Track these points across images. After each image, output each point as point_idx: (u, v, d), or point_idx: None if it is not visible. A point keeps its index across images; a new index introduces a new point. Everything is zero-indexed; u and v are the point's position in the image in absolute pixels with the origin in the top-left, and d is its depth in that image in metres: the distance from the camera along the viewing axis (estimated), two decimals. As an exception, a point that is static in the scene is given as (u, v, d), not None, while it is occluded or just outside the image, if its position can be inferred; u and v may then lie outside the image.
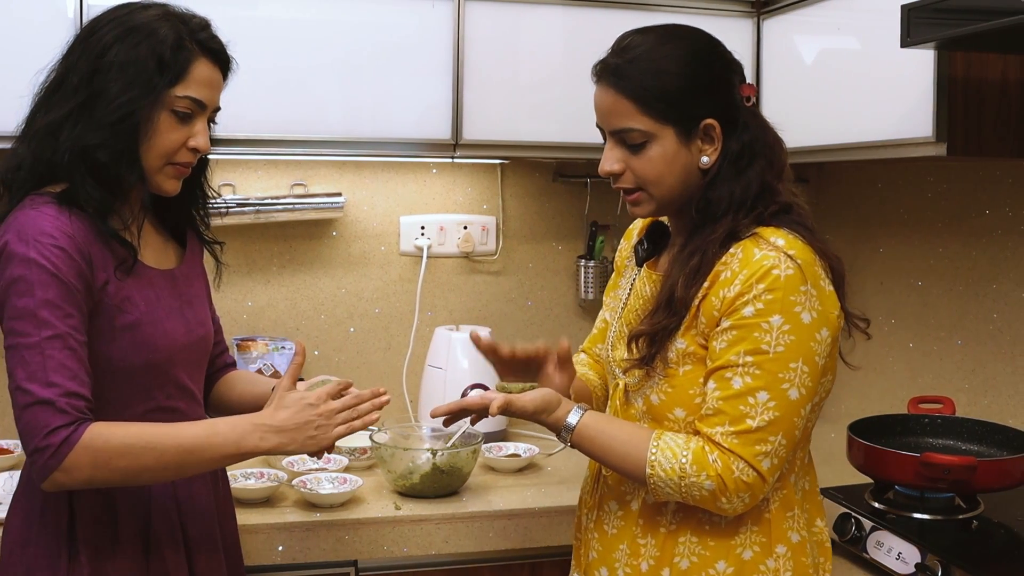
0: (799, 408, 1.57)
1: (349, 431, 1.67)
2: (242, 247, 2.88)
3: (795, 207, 1.67)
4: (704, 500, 1.59)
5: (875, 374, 2.98)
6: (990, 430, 2.19)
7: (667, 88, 1.62)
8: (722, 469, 1.56)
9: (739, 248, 1.60)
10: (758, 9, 2.81)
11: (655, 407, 1.70)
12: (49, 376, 1.50)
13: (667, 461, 1.59)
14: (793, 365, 1.56)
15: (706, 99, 1.64)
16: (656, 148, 1.64)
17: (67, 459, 1.49)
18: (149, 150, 1.65)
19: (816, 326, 1.57)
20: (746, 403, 1.56)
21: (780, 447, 1.57)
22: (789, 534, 1.67)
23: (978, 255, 2.60)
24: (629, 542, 1.72)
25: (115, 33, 1.63)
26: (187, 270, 1.83)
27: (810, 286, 1.57)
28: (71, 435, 1.49)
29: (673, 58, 1.63)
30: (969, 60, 2.10)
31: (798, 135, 2.67)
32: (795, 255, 1.57)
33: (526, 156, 2.79)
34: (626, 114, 1.64)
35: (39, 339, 1.51)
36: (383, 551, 2.23)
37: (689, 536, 1.66)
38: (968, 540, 1.99)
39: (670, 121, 1.63)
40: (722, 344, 1.59)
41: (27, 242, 1.54)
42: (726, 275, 1.60)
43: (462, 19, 2.61)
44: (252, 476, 2.37)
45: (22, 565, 1.66)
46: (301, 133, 2.55)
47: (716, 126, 1.64)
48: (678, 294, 1.62)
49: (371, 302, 3.03)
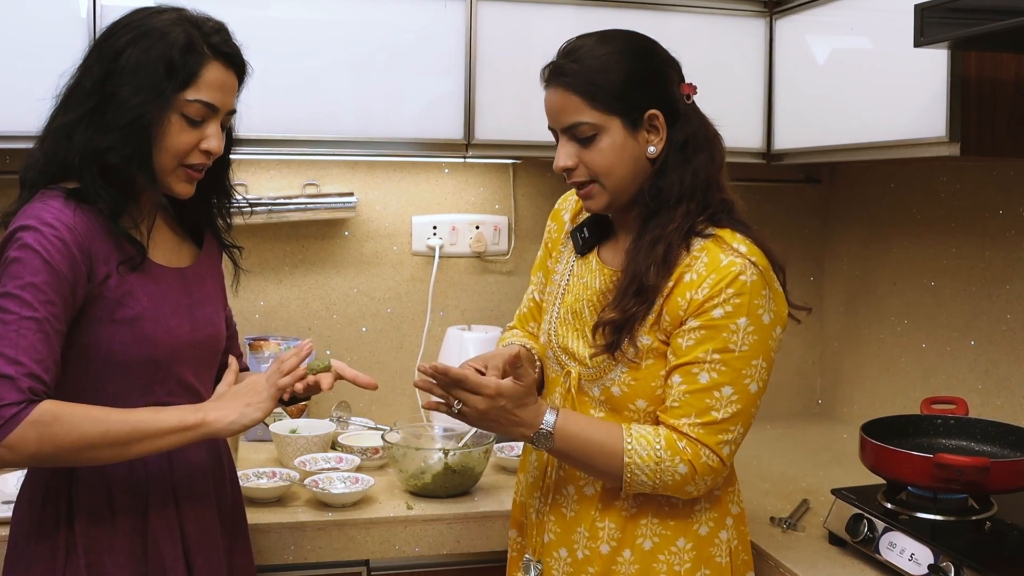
0: (757, 399, 1.73)
1: (281, 386, 1.70)
2: (254, 247, 2.88)
3: (735, 205, 1.80)
4: (676, 484, 1.71)
5: (888, 375, 2.97)
6: (1004, 431, 2.18)
7: (611, 81, 1.73)
8: (691, 455, 1.69)
9: (703, 251, 1.72)
10: (770, 9, 2.80)
11: (616, 398, 1.78)
12: (18, 355, 1.53)
13: (643, 449, 1.70)
14: (755, 362, 1.70)
15: (647, 91, 1.75)
16: (606, 139, 1.74)
17: (12, 434, 1.51)
18: (160, 152, 1.67)
19: (773, 325, 1.72)
20: (712, 396, 1.69)
21: (739, 435, 1.73)
22: (730, 507, 1.84)
23: (991, 255, 2.59)
24: (587, 525, 1.81)
25: (129, 37, 1.66)
26: (200, 270, 1.84)
27: (769, 290, 1.71)
28: (20, 411, 1.51)
29: (614, 55, 1.74)
30: (982, 60, 2.09)
31: (810, 135, 2.68)
32: (756, 261, 1.71)
33: (538, 156, 2.79)
34: (575, 109, 1.74)
35: (18, 317, 1.54)
36: (395, 551, 2.23)
37: (650, 518, 1.78)
38: (981, 541, 1.98)
39: (616, 112, 1.73)
40: (689, 342, 1.70)
41: (30, 229, 1.58)
42: (691, 277, 1.71)
43: (474, 19, 2.61)
44: (264, 476, 2.37)
45: (26, 555, 1.70)
46: (313, 133, 2.55)
47: (660, 116, 1.75)
48: (649, 282, 1.72)
49: (383, 302, 3.03)
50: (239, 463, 2.45)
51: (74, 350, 1.64)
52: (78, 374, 1.65)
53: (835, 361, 3.24)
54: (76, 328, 1.64)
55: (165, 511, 1.74)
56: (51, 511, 1.69)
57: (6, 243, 1.60)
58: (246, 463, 2.52)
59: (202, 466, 1.81)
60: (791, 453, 2.85)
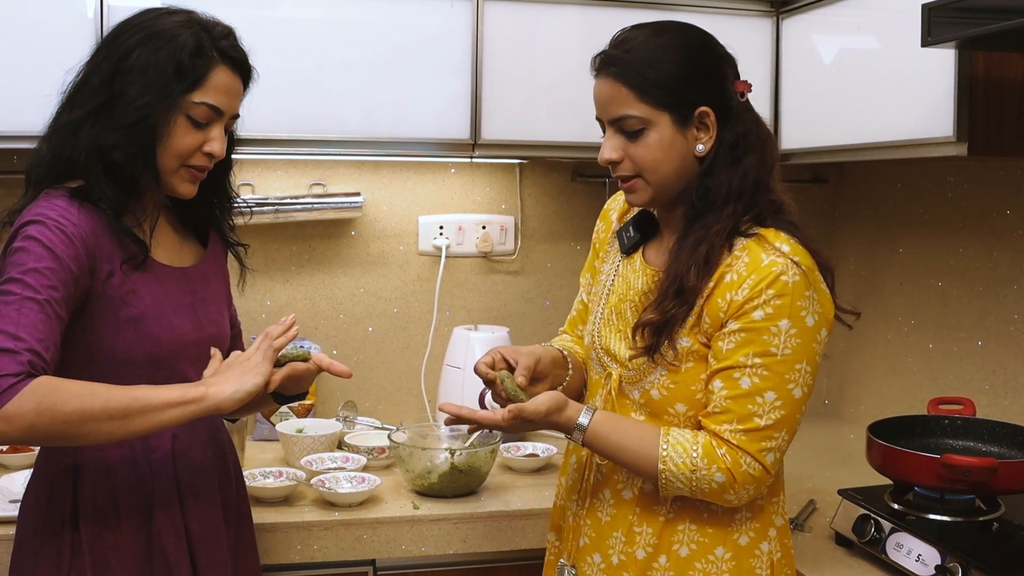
0: (801, 405, 1.66)
1: (271, 346, 1.69)
2: (261, 247, 2.89)
3: (785, 205, 1.73)
4: (713, 493, 1.65)
5: (895, 375, 2.97)
6: (1011, 431, 2.18)
7: (663, 76, 1.67)
8: (731, 463, 1.63)
9: (744, 251, 1.66)
10: (777, 9, 2.80)
11: (655, 401, 1.73)
12: (19, 331, 1.52)
13: (678, 456, 1.65)
14: (798, 366, 1.63)
15: (700, 87, 1.69)
16: (653, 134, 1.69)
17: (9, 404, 1.47)
18: (164, 152, 1.67)
19: (817, 327, 1.65)
20: (754, 402, 1.63)
21: (783, 442, 1.66)
22: (775, 518, 1.77)
23: (999, 255, 2.58)
24: (625, 530, 1.76)
25: (138, 37, 1.67)
26: (205, 269, 1.85)
27: (813, 291, 1.64)
28: (18, 383, 1.48)
29: (668, 48, 1.69)
30: (990, 59, 2.09)
31: (817, 135, 2.68)
32: (800, 261, 1.64)
33: (545, 156, 2.79)
34: (624, 102, 1.69)
35: (20, 297, 1.54)
36: (401, 550, 2.23)
37: (688, 524, 1.72)
38: (989, 542, 1.98)
39: (666, 107, 1.68)
40: (730, 345, 1.64)
41: (33, 223, 1.59)
42: (732, 277, 1.65)
43: (481, 19, 2.61)
44: (271, 475, 2.38)
45: (31, 555, 1.70)
46: (320, 133, 2.56)
47: (711, 113, 1.69)
48: (689, 283, 1.66)
49: (390, 302, 3.03)
50: (245, 463, 2.46)
51: (77, 349, 1.65)
52: (81, 373, 1.65)
53: (842, 361, 3.24)
54: (79, 327, 1.64)
55: (170, 510, 1.74)
56: (56, 510, 1.70)
57: (12, 239, 1.61)
58: (252, 462, 2.53)
59: (207, 465, 1.81)
60: (798, 453, 2.84)
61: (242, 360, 1.68)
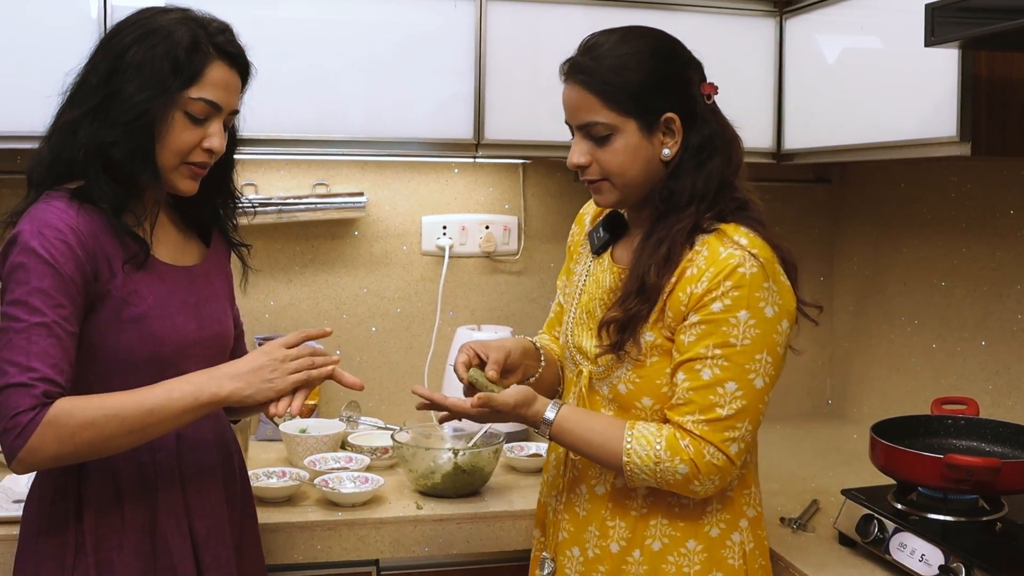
0: (763, 395, 1.70)
1: (307, 380, 1.69)
2: (264, 246, 2.89)
3: (751, 204, 1.77)
4: (678, 484, 1.70)
5: (898, 375, 2.97)
6: (1014, 432, 2.18)
7: (629, 83, 1.71)
8: (694, 454, 1.67)
9: (704, 245, 1.71)
10: (780, 8, 2.80)
11: (623, 396, 1.78)
12: (31, 361, 1.54)
13: (642, 449, 1.70)
14: (758, 356, 1.67)
15: (666, 94, 1.73)
16: (620, 140, 1.73)
17: (32, 438, 1.52)
18: (163, 149, 1.68)
19: (777, 319, 1.69)
20: (715, 393, 1.67)
21: (747, 432, 1.70)
22: (746, 509, 1.82)
23: (1003, 255, 2.58)
24: (598, 524, 1.81)
25: (134, 35, 1.68)
26: (207, 268, 1.85)
27: (771, 282, 1.68)
28: (36, 415, 1.52)
29: (634, 55, 1.73)
30: (993, 59, 2.08)
31: (821, 135, 2.68)
32: (758, 253, 1.68)
33: (548, 156, 2.79)
34: (592, 108, 1.73)
35: (28, 324, 1.55)
36: (404, 550, 2.23)
37: (660, 519, 1.78)
38: (992, 542, 1.98)
39: (632, 114, 1.72)
40: (691, 338, 1.69)
41: (32, 233, 1.59)
42: (692, 271, 1.70)
43: (484, 19, 2.61)
44: (274, 475, 2.38)
45: (36, 553, 1.71)
46: (323, 133, 2.56)
47: (676, 119, 1.73)
48: (650, 281, 1.71)
49: (393, 302, 3.03)
50: (249, 463, 2.45)
51: (81, 349, 1.65)
52: (85, 373, 1.65)
53: (845, 361, 3.24)
54: (83, 327, 1.65)
55: (174, 510, 1.74)
56: (60, 509, 1.70)
57: (9, 247, 1.61)
58: (256, 462, 2.53)
59: (212, 465, 1.81)
60: (801, 453, 2.84)
61: (272, 365, 1.68)
